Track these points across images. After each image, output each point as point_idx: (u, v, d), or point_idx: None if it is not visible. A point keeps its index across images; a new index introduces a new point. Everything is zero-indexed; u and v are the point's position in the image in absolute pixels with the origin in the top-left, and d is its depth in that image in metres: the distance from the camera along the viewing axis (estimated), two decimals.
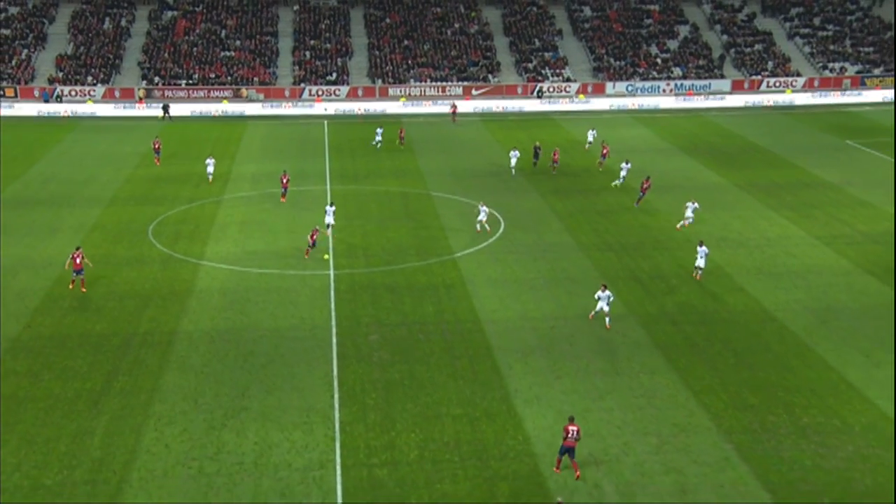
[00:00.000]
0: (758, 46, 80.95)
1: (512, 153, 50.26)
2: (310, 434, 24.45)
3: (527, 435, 24.69)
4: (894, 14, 68.44)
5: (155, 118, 66.73)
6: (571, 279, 35.04)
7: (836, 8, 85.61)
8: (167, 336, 29.64)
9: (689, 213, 40.09)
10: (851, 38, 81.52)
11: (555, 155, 51.11)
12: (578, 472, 22.72)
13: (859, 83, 75.78)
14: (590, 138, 55.83)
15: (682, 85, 75.63)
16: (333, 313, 31.83)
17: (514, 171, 49.60)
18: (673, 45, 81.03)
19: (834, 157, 53.99)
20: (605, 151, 51.21)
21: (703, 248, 34.32)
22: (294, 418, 25.15)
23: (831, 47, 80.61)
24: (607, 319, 30.40)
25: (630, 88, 75.31)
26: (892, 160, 52.64)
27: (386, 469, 23.07)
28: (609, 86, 75.48)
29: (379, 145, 56.49)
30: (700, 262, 33.99)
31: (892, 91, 73.83)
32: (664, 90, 75.37)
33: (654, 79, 76.29)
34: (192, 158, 52.90)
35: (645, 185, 43.79)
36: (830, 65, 78.22)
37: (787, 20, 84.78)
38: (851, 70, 77.36)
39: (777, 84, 75.85)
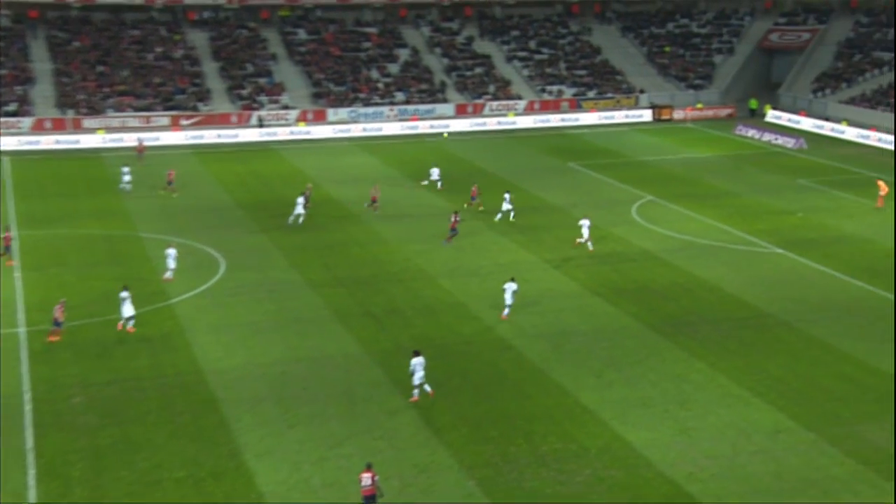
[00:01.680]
0: (478, 70, 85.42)
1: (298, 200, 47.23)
2: None
3: (260, 492, 23.98)
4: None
5: None
6: (301, 319, 34.71)
7: (550, 32, 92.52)
8: None
9: (585, 232, 42.62)
10: (566, 62, 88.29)
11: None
12: None
13: (576, 106, 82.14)
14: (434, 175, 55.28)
15: (405, 110, 78.06)
16: (26, 377, 29.30)
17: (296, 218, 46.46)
18: (394, 68, 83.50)
19: (558, 180, 57.85)
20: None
21: (513, 283, 34.90)
22: None
23: (548, 70, 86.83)
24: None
25: (352, 114, 76.55)
26: (615, 181, 57.30)
27: None
28: (330, 112, 76.25)
29: (128, 187, 52.42)
30: (508, 300, 34.57)
31: (651, 112, 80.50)
32: (388, 115, 77.36)
33: (376, 104, 78.11)
34: None
35: (454, 221, 43.90)
36: (548, 88, 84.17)
37: (504, 43, 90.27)
38: (568, 93, 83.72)
39: (500, 107, 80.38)
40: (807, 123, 75.49)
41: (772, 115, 79.12)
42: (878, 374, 30.22)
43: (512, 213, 47.86)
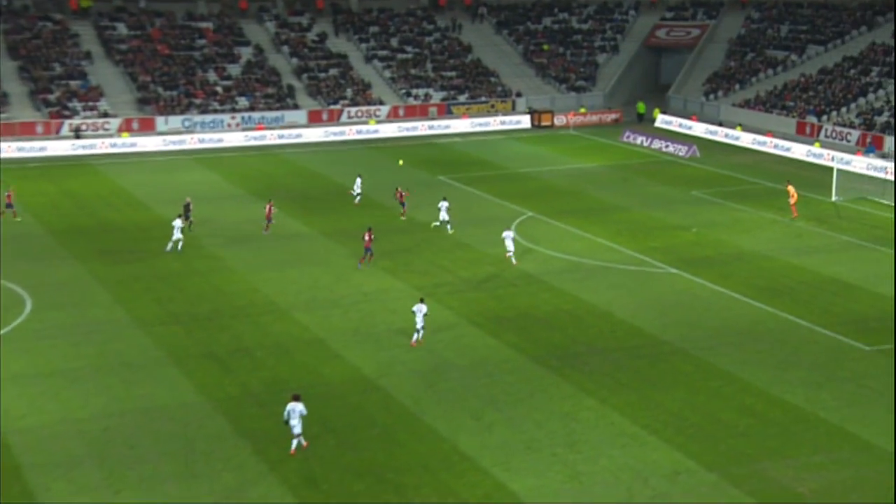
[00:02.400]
0: (333, 71, 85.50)
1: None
2: None
3: None
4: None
5: None
6: (128, 364, 33.80)
7: (414, 28, 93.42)
8: None
9: (509, 245, 44.28)
10: (433, 62, 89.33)
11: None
12: None
13: (446, 111, 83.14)
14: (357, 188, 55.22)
15: (250, 118, 77.33)
16: None
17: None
18: (235, 70, 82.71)
19: (427, 196, 58.35)
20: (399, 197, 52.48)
21: (423, 305, 35.76)
22: None
23: (413, 71, 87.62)
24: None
25: (187, 123, 75.34)
26: (491, 196, 58.15)
27: None
28: (160, 121, 74.84)
29: None
30: (420, 322, 35.51)
31: (529, 118, 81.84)
32: (229, 124, 76.47)
33: (215, 111, 77.11)
34: None
35: (368, 240, 44.20)
36: (414, 91, 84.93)
37: (362, 41, 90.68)
38: (436, 97, 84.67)
39: (359, 114, 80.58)
40: (699, 129, 78.56)
41: (661, 121, 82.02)
42: (782, 405, 31.51)
43: (450, 226, 49.49)
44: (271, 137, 74.71)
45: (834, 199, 57.02)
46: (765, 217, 53.61)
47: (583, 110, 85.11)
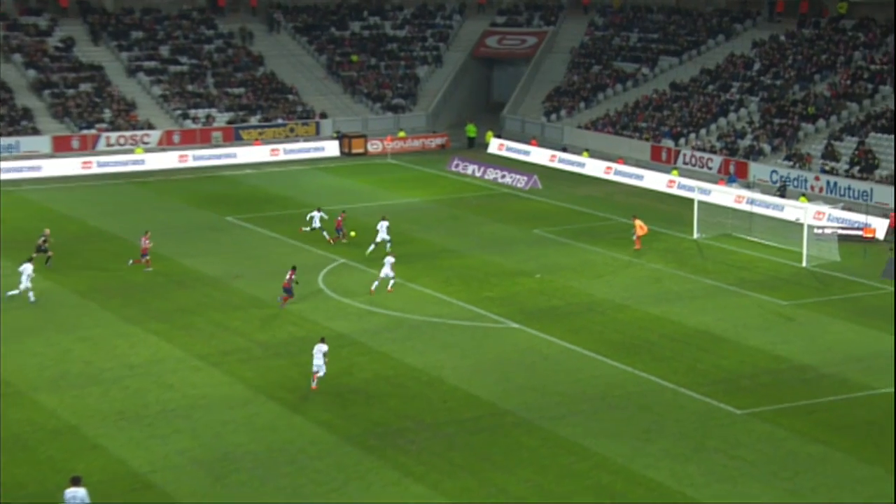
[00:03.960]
0: (85, 87, 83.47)
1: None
2: None
3: None
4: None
5: None
6: None
7: (190, 34, 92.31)
8: None
9: (388, 271, 47.28)
10: (216, 76, 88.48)
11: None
12: None
13: (234, 137, 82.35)
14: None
15: None
16: None
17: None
18: None
19: (211, 241, 57.39)
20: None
21: (323, 345, 38.31)
22: None
23: (190, 87, 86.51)
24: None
25: None
26: (291, 239, 57.71)
27: None
28: None
29: None
30: (318, 361, 38.01)
31: (337, 144, 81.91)
32: None
33: None
34: None
35: (289, 279, 45.00)
36: (192, 112, 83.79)
37: (123, 49, 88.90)
38: (221, 119, 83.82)
39: (121, 140, 78.84)
40: (539, 155, 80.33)
41: (495, 146, 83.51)
42: (645, 482, 32.07)
43: (389, 244, 53.03)
44: (6, 168, 72.07)
45: (696, 236, 59.08)
46: (619, 259, 54.98)
47: (402, 134, 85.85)
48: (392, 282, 48.83)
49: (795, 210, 59.63)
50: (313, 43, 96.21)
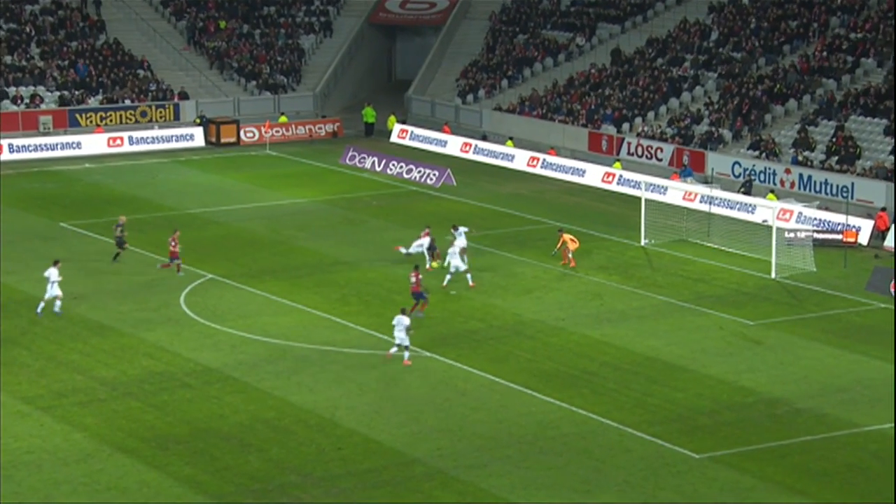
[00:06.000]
0: None
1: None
2: None
3: None
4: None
5: None
6: None
7: None
8: None
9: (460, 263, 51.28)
10: (42, 46, 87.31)
11: None
12: None
13: (67, 122, 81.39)
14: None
15: None
16: None
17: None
18: None
19: (45, 254, 56.90)
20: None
21: (404, 317, 43.14)
22: None
23: (8, 60, 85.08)
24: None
25: None
26: (144, 251, 57.27)
27: None
28: None
29: None
30: (401, 335, 43.16)
31: (202, 132, 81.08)
32: None
33: None
34: None
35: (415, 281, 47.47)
36: (12, 91, 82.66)
37: None
38: (49, 99, 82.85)
39: None
40: (453, 144, 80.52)
41: (399, 133, 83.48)
42: None
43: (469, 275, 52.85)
44: None
45: (643, 242, 59.52)
46: (551, 271, 55.24)
47: (283, 119, 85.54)
48: (469, 275, 52.10)
49: (763, 210, 60.33)
50: (169, 5, 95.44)
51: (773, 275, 54.47)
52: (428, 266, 53.96)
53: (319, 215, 64.91)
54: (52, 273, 48.28)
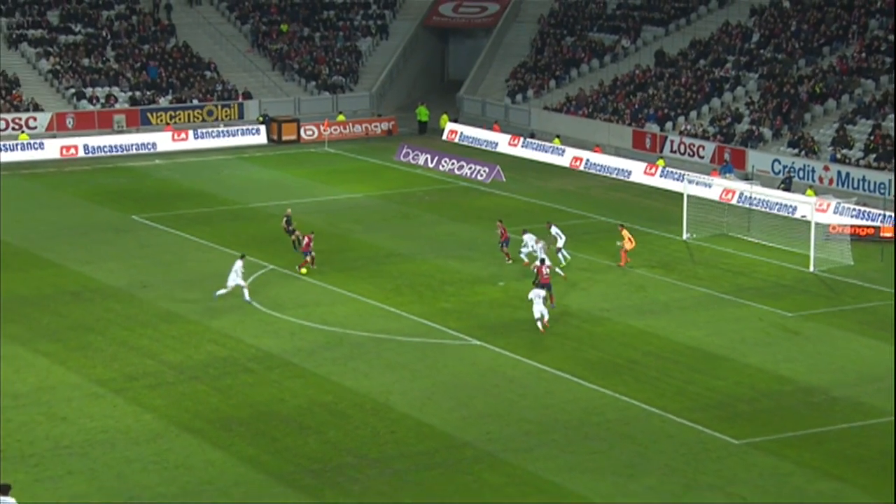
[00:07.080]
0: None
1: None
2: None
3: None
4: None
5: None
6: None
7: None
8: None
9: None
10: (116, 48, 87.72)
11: None
12: None
13: (139, 120, 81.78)
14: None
15: None
16: None
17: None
18: None
19: (115, 245, 57.10)
20: None
21: (541, 290, 45.80)
22: None
23: (86, 62, 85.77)
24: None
25: None
26: (210, 242, 57.53)
27: None
28: None
29: None
30: (540, 307, 45.38)
31: (265, 130, 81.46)
32: None
33: None
34: None
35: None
36: (89, 91, 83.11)
37: (2, 14, 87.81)
38: (123, 99, 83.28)
39: (2, 125, 77.90)
40: (503, 142, 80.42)
41: (452, 131, 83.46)
42: None
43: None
44: None
45: (685, 237, 59.33)
46: (596, 264, 55.13)
47: (341, 118, 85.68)
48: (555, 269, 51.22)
49: (802, 206, 59.99)
50: (234, 9, 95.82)
51: (811, 268, 54.14)
52: (509, 260, 54.15)
53: (374, 210, 65.03)
54: (238, 266, 48.80)
